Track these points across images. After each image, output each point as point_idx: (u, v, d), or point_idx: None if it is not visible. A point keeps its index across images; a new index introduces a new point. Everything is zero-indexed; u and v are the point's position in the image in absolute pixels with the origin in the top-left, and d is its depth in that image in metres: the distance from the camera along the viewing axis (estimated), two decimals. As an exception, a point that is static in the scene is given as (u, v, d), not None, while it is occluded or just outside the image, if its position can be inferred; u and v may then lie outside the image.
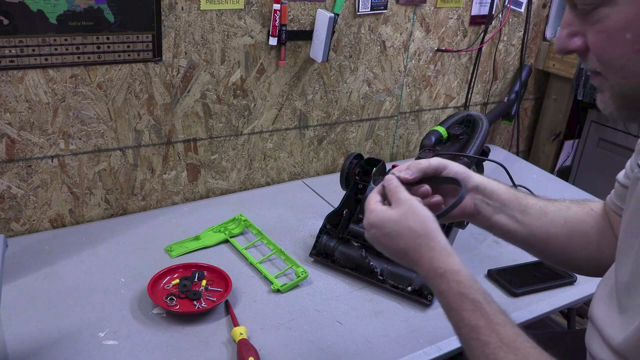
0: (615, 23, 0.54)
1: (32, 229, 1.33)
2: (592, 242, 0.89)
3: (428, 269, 0.71)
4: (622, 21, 0.53)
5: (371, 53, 1.63)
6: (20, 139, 1.23)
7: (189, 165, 1.48)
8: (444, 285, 0.68)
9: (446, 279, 0.68)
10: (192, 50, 1.35)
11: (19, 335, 1.00)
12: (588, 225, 0.90)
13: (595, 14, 0.55)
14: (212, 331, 1.05)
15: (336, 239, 1.24)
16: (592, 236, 0.89)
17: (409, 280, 1.15)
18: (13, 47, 1.14)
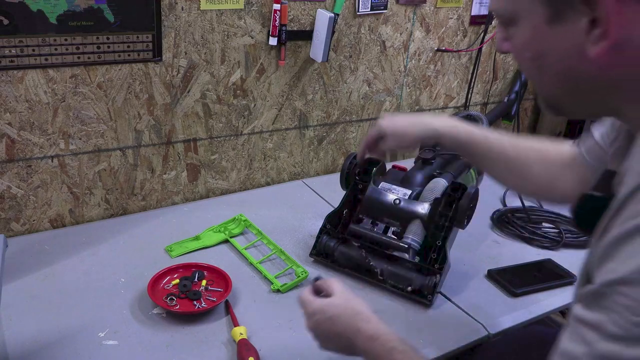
0: (518, 41, 0.61)
1: (32, 229, 1.33)
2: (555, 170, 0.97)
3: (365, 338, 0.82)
4: (522, 41, 0.61)
5: (371, 53, 1.63)
6: (20, 139, 1.23)
7: (189, 165, 1.48)
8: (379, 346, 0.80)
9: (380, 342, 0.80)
10: (192, 50, 1.35)
11: (19, 335, 1.00)
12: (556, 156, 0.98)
13: (508, 29, 0.62)
14: (212, 331, 1.05)
15: (336, 239, 1.24)
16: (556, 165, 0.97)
17: (409, 280, 1.15)
18: (13, 47, 1.14)
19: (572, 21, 0.55)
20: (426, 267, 1.15)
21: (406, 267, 1.17)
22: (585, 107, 0.65)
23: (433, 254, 1.17)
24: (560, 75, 0.61)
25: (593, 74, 0.57)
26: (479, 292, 1.21)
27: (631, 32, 0.53)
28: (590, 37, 0.54)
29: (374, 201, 1.23)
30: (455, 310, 1.15)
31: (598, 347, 0.50)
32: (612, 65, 0.56)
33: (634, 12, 0.52)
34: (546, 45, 0.59)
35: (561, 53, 0.58)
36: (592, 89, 0.60)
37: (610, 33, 0.53)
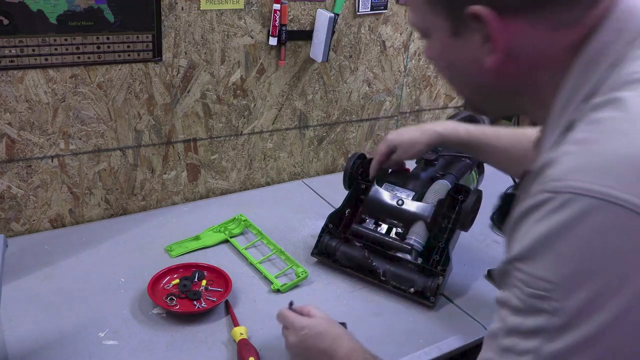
0: (433, 52, 0.68)
1: (32, 229, 1.33)
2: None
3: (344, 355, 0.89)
4: (435, 52, 0.68)
5: (371, 53, 1.63)
6: (20, 139, 1.23)
7: (189, 165, 1.48)
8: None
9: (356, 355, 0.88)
10: (192, 50, 1.35)
11: (19, 335, 1.00)
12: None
13: (426, 41, 0.69)
14: (212, 331, 1.05)
15: (338, 238, 1.24)
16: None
17: (411, 281, 1.15)
18: (13, 47, 1.14)
19: (469, 36, 0.61)
20: (429, 269, 1.15)
21: (409, 269, 1.16)
22: (496, 108, 0.72)
23: (436, 255, 1.17)
24: (467, 82, 0.68)
25: (492, 82, 0.64)
26: (479, 292, 1.21)
27: (517, 44, 0.59)
28: (484, 50, 0.60)
29: (377, 202, 1.23)
30: (456, 311, 1.16)
31: (508, 321, 0.55)
32: (506, 74, 0.62)
33: (517, 26, 0.58)
34: (452, 56, 0.65)
35: (464, 63, 0.64)
36: (495, 94, 0.66)
37: (497, 46, 0.59)
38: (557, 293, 0.51)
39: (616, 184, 0.49)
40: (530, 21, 0.58)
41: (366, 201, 1.24)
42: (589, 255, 0.50)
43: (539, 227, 0.52)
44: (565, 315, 0.51)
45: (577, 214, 0.50)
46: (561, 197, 0.51)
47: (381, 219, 1.23)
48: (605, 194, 0.49)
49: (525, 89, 0.64)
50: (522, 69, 0.61)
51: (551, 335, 0.51)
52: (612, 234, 0.49)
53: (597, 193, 0.49)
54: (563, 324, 0.51)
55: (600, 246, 0.49)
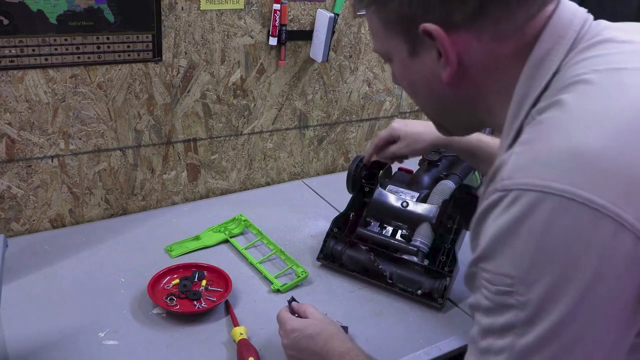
0: (396, 74, 0.73)
1: (32, 229, 1.33)
2: None
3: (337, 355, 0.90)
4: (398, 73, 0.73)
5: (371, 53, 1.63)
6: (20, 139, 1.23)
7: (189, 165, 1.48)
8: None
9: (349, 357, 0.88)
10: (192, 50, 1.35)
11: (19, 335, 1.00)
12: None
13: (390, 65, 0.74)
14: (212, 331, 1.05)
15: (343, 242, 1.23)
16: None
17: (418, 283, 1.15)
18: (13, 47, 1.14)
19: (426, 54, 0.66)
20: (435, 270, 1.15)
21: (415, 271, 1.16)
22: (458, 122, 0.76)
23: (442, 256, 1.16)
24: (429, 98, 0.72)
25: (450, 95, 0.68)
26: (479, 292, 1.21)
27: (467, 56, 0.64)
28: (439, 65, 0.65)
29: (381, 204, 1.23)
30: (456, 311, 1.15)
31: (482, 323, 0.57)
32: (461, 86, 0.66)
33: (464, 39, 0.62)
34: (413, 74, 0.70)
35: (424, 80, 0.69)
36: (455, 106, 0.71)
37: (450, 59, 0.63)
38: (520, 286, 0.53)
39: (556, 177, 0.52)
40: (475, 34, 0.62)
41: (370, 204, 1.24)
42: (541, 246, 0.52)
43: (494, 225, 0.55)
44: (531, 307, 0.52)
45: (525, 209, 0.53)
46: (511, 195, 0.54)
47: (386, 222, 1.23)
48: (547, 187, 0.52)
49: (480, 99, 0.68)
50: (474, 79, 0.65)
51: (521, 329, 0.53)
52: (558, 223, 0.51)
53: (540, 187, 0.52)
54: (530, 316, 0.53)
55: (549, 236, 0.52)
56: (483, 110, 0.69)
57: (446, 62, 0.64)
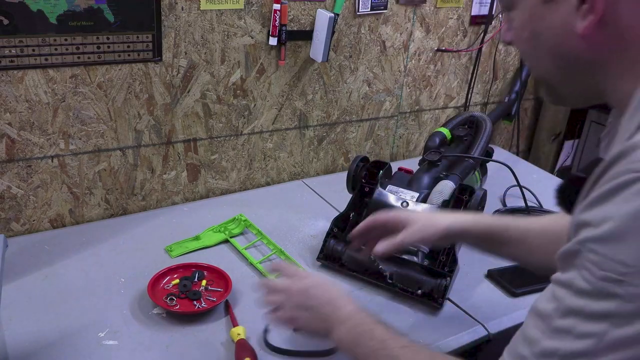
0: (518, 23, 0.68)
1: (32, 229, 1.33)
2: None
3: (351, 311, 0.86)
4: (521, 22, 0.67)
5: (371, 53, 1.63)
6: (20, 139, 1.23)
7: (189, 165, 1.48)
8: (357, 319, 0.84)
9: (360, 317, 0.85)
10: (192, 50, 1.35)
11: (19, 335, 1.00)
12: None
13: (510, 15, 0.69)
14: (212, 331, 1.05)
15: (343, 242, 1.23)
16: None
17: (418, 283, 1.14)
18: (13, 47, 1.14)
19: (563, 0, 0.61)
20: (435, 270, 1.15)
21: (415, 270, 1.16)
22: (575, 88, 0.69)
23: (442, 256, 1.16)
24: (552, 52, 0.66)
25: (581, 51, 0.62)
26: (479, 292, 1.21)
27: (615, 8, 0.58)
28: (579, 13, 0.59)
29: (381, 204, 1.22)
30: (456, 310, 1.15)
31: (566, 302, 0.53)
32: (598, 41, 0.60)
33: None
34: (541, 23, 0.64)
35: (554, 30, 0.63)
36: (580, 66, 0.64)
37: (596, 7, 0.58)
38: (633, 278, 0.49)
39: None
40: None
41: (370, 204, 1.24)
42: None
43: (625, 208, 0.50)
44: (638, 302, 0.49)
45: None
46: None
47: None
48: None
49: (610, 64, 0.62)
50: (615, 39, 0.60)
51: (620, 320, 0.50)
52: None
53: None
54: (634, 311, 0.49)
55: None
56: (609, 77, 0.63)
57: (591, 9, 0.58)
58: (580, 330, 0.52)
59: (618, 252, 0.50)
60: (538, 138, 2.17)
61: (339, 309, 0.86)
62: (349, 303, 0.87)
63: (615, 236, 0.51)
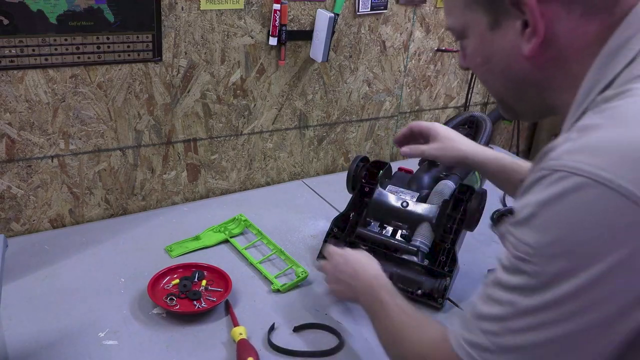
0: (470, 50, 0.72)
1: (32, 229, 1.33)
2: None
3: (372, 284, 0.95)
4: (473, 49, 0.72)
5: (371, 53, 1.63)
6: (20, 139, 1.23)
7: (189, 165, 1.48)
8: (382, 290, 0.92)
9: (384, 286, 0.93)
10: (192, 50, 1.35)
11: (19, 335, 1.00)
12: None
13: (462, 43, 0.74)
14: (212, 331, 1.05)
15: (343, 242, 1.23)
16: None
17: (418, 283, 1.14)
18: (13, 47, 1.14)
19: (509, 25, 0.65)
20: (435, 270, 1.15)
21: (415, 270, 1.16)
22: (528, 105, 0.74)
23: (442, 256, 1.16)
24: (504, 75, 0.71)
25: (528, 71, 0.67)
26: (479, 292, 1.21)
27: (553, 30, 0.63)
28: (524, 37, 0.64)
29: (381, 204, 1.22)
30: (456, 311, 1.15)
31: (496, 275, 0.63)
32: (542, 61, 0.66)
33: (554, 11, 0.62)
34: (490, 48, 0.69)
35: (502, 54, 0.68)
36: (529, 85, 0.69)
37: (538, 30, 0.63)
38: (537, 258, 0.57)
39: (606, 166, 0.53)
40: (566, 6, 0.62)
41: (370, 204, 1.24)
42: (570, 228, 0.55)
43: (534, 198, 0.58)
44: (540, 278, 0.57)
45: (567, 190, 0.55)
46: (557, 174, 0.56)
47: (386, 222, 1.23)
48: (595, 174, 0.53)
49: (556, 80, 0.67)
50: (557, 57, 0.65)
51: (527, 293, 0.58)
52: (595, 211, 0.54)
53: (588, 173, 0.54)
54: (538, 285, 0.57)
55: (582, 221, 0.55)
56: (556, 93, 0.68)
57: (533, 32, 0.63)
58: (499, 297, 0.61)
59: (526, 235, 0.58)
60: (538, 138, 2.17)
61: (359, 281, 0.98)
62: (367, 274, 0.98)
63: (525, 221, 0.58)
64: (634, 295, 0.54)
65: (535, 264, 0.57)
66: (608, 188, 0.53)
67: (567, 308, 0.56)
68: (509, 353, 0.60)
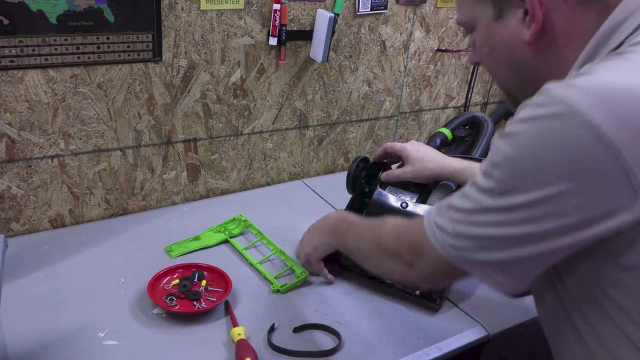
0: (478, 42, 0.80)
1: (32, 229, 1.33)
2: None
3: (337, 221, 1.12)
4: (480, 40, 0.80)
5: (371, 53, 1.63)
6: (20, 139, 1.23)
7: (189, 165, 1.48)
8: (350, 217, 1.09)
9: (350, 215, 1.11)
10: (192, 50, 1.35)
11: (19, 335, 1.00)
12: None
13: (472, 37, 0.81)
14: (212, 331, 1.05)
15: None
16: None
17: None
18: (13, 47, 1.14)
19: (511, 14, 0.73)
20: None
21: None
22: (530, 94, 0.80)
23: None
24: (508, 62, 0.78)
25: (529, 58, 0.74)
26: (479, 293, 1.21)
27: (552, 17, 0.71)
28: (525, 24, 0.72)
29: (381, 205, 1.22)
30: (456, 311, 1.16)
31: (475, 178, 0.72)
32: (541, 47, 0.73)
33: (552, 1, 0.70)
34: (496, 38, 0.77)
35: (506, 42, 0.76)
36: (530, 72, 0.76)
37: (537, 16, 0.70)
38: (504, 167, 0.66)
39: (586, 102, 0.60)
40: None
41: (370, 205, 1.24)
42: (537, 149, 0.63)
43: (519, 116, 0.66)
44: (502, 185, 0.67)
45: (545, 115, 0.62)
46: (543, 99, 0.63)
47: None
48: (573, 106, 0.60)
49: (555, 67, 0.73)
50: (554, 42, 0.72)
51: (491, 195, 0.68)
52: (562, 138, 0.61)
53: (568, 104, 0.61)
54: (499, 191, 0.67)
55: (549, 146, 0.62)
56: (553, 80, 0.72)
57: (532, 18, 0.70)
58: (469, 194, 0.72)
59: (503, 146, 0.66)
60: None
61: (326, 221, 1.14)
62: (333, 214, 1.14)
63: (507, 135, 0.66)
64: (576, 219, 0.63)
65: (502, 171, 0.66)
66: (580, 120, 0.59)
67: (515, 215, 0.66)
68: (463, 239, 0.72)
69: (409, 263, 0.85)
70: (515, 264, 0.70)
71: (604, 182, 0.60)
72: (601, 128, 0.58)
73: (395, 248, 0.88)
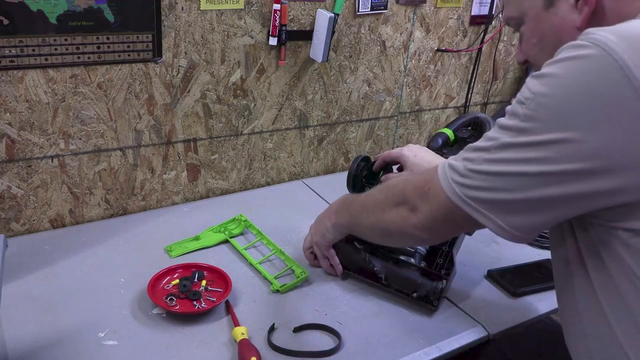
0: (527, 34, 0.83)
1: (32, 229, 1.33)
2: None
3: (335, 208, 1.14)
4: (529, 33, 0.82)
5: (371, 53, 1.63)
6: (20, 139, 1.23)
7: (189, 165, 1.48)
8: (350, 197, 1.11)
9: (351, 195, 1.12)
10: (192, 50, 1.35)
11: (19, 335, 1.00)
12: None
13: (520, 32, 0.84)
14: (212, 331, 1.05)
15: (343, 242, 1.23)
16: None
17: (415, 285, 1.13)
18: (13, 47, 1.14)
19: (562, 1, 0.76)
20: (432, 273, 1.14)
21: (412, 272, 1.15)
22: None
23: (439, 259, 1.16)
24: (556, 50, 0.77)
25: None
26: (479, 293, 1.21)
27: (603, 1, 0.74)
28: (577, 9, 0.75)
29: None
30: (456, 311, 1.16)
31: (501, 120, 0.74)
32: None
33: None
34: (545, 26, 0.79)
35: (556, 29, 0.78)
36: None
37: (589, 0, 0.74)
38: (531, 103, 0.67)
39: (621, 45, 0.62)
40: None
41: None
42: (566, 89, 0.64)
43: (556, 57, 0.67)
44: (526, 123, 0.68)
45: (580, 55, 0.64)
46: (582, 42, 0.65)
47: None
48: (608, 46, 0.63)
49: None
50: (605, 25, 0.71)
51: (512, 132, 0.70)
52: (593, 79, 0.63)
53: (603, 44, 0.63)
54: (523, 128, 0.68)
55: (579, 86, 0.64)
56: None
57: (585, 2, 0.73)
58: (491, 135, 0.73)
59: (536, 84, 0.67)
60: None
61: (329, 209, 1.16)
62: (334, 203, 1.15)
63: (542, 74, 0.67)
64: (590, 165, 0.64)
65: (528, 108, 0.67)
66: (612, 60, 0.61)
67: (530, 153, 0.67)
68: (470, 177, 0.73)
69: (412, 207, 0.85)
70: (516, 208, 0.70)
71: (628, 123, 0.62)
72: (632, 70, 0.61)
73: (402, 193, 0.88)
